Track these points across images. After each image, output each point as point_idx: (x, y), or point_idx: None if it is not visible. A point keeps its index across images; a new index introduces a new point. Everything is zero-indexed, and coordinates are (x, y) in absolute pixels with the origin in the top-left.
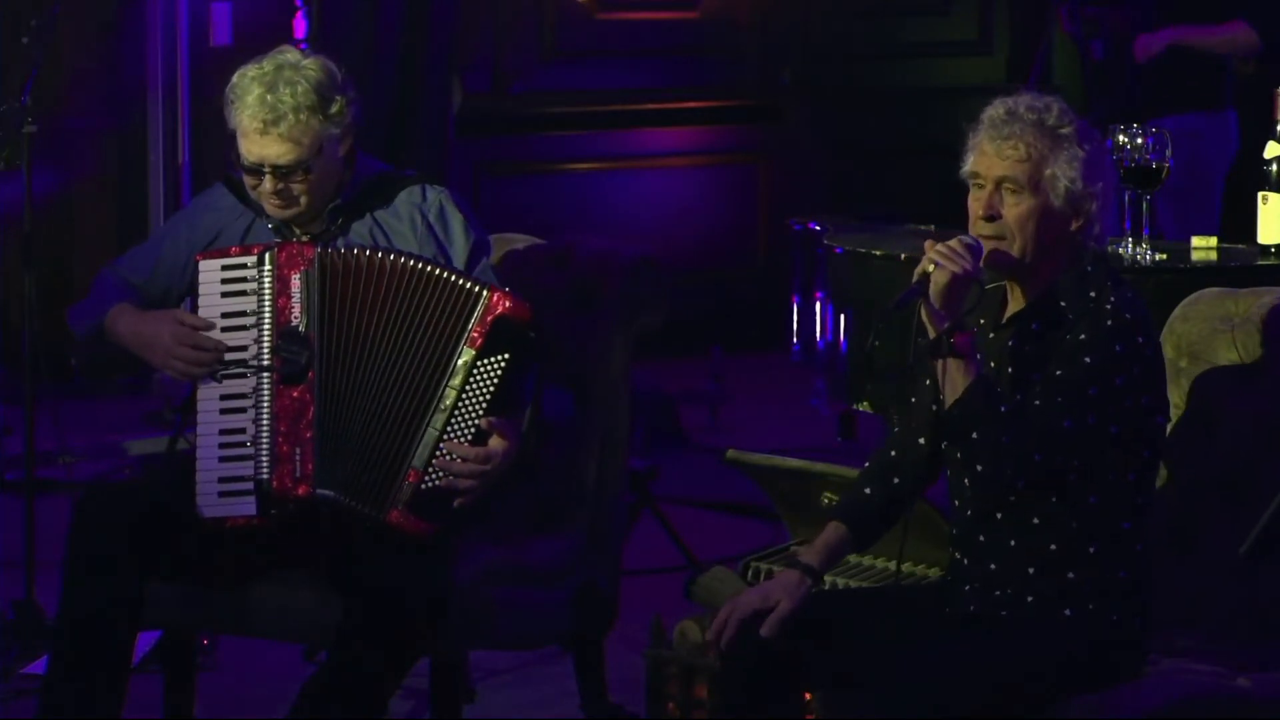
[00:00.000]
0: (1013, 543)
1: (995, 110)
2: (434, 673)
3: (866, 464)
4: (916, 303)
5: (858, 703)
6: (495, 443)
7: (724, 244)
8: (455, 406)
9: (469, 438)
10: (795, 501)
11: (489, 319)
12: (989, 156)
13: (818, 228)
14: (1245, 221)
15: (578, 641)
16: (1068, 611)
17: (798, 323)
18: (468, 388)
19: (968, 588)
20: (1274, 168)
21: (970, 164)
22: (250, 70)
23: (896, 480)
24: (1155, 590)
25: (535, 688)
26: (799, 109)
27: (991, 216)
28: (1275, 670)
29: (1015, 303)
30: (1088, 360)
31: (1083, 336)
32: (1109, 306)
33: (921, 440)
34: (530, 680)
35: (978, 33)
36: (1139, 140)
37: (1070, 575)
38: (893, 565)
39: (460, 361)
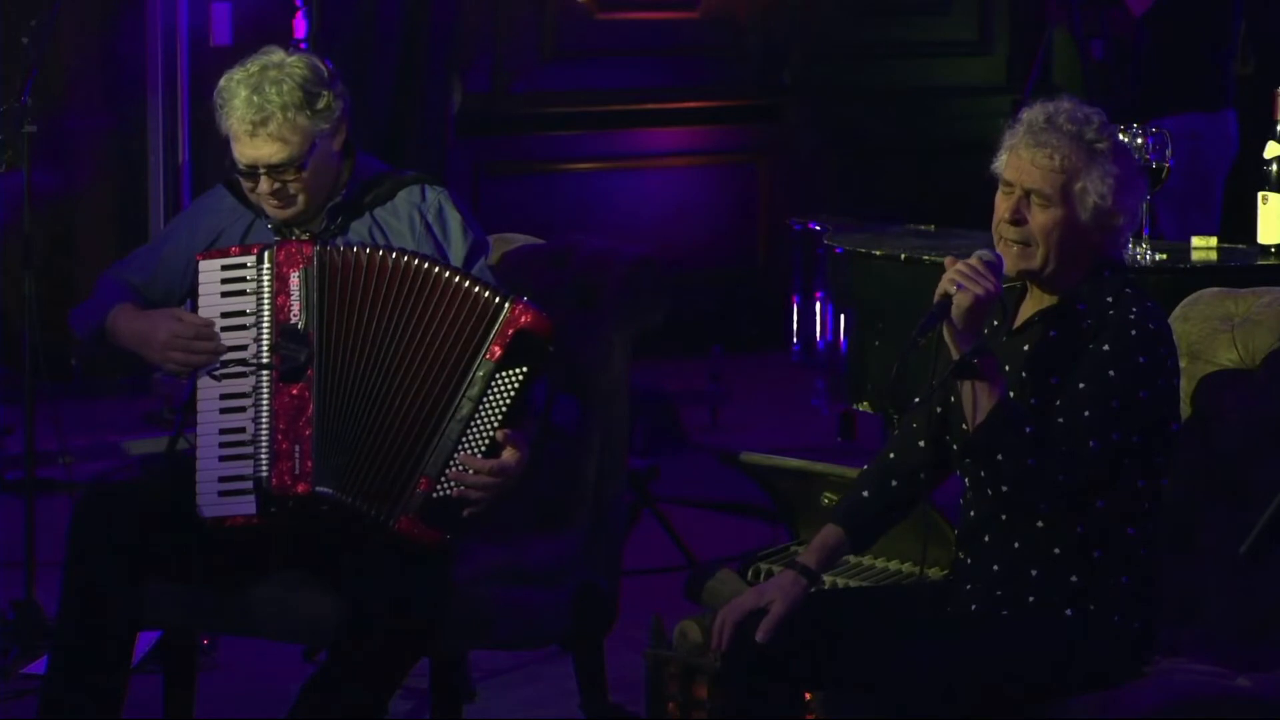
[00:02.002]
0: (1016, 544)
1: (1035, 115)
2: (434, 673)
3: (866, 466)
4: (939, 327)
5: (858, 703)
6: (509, 454)
7: (724, 244)
8: (471, 417)
9: (483, 449)
10: (795, 501)
11: (510, 331)
12: (1023, 163)
13: (818, 228)
14: (1245, 221)
15: (578, 641)
16: (1069, 611)
17: (798, 323)
18: (485, 400)
19: (970, 587)
20: (1274, 168)
21: (1003, 165)
22: (236, 73)
23: (894, 483)
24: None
25: (535, 688)
26: (799, 109)
27: (1018, 220)
28: (1275, 670)
29: (1032, 305)
30: (1112, 374)
31: (1106, 348)
32: (1132, 317)
33: (922, 443)
34: (530, 680)
35: (978, 33)
36: (1139, 140)
37: (1073, 579)
38: (892, 565)
39: (479, 374)
